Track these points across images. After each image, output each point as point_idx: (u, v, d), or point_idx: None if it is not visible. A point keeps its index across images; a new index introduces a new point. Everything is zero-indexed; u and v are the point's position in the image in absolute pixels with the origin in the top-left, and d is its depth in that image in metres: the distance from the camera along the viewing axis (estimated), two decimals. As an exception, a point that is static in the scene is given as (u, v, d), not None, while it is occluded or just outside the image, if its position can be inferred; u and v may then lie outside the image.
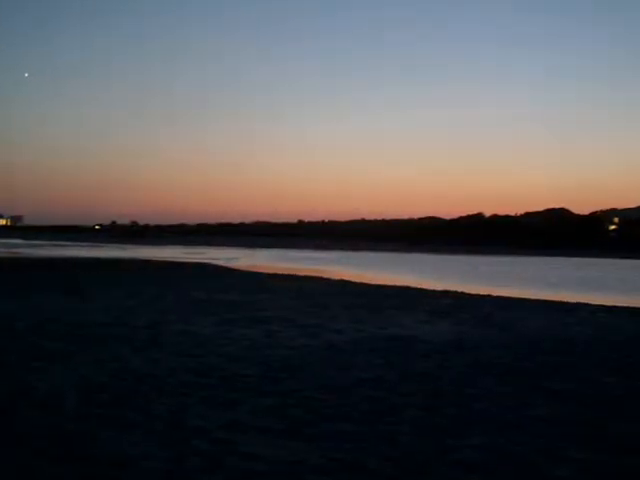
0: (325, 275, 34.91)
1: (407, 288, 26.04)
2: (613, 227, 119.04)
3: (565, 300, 22.05)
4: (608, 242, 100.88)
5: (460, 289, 25.85)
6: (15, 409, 6.82)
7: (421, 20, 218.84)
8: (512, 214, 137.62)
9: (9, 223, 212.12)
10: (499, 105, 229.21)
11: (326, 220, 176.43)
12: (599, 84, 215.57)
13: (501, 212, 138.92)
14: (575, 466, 5.50)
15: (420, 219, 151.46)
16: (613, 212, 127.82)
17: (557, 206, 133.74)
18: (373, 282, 29.74)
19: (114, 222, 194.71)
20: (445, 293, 23.86)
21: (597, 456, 5.75)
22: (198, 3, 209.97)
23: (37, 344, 10.72)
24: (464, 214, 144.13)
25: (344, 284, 27.90)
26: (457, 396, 7.81)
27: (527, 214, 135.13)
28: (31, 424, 6.30)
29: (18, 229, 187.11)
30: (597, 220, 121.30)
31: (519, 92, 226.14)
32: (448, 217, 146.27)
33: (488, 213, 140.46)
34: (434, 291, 24.63)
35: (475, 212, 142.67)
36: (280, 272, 36.00)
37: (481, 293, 24.17)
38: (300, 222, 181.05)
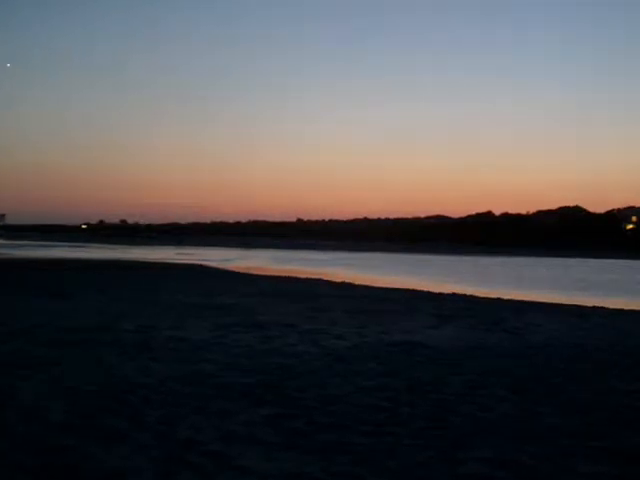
0: (326, 277, 34.94)
1: (412, 291, 26.04)
2: (631, 226, 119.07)
3: (580, 304, 22.07)
4: (625, 242, 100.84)
5: (468, 292, 25.88)
6: (-3, 420, 6.82)
7: (424, 7, 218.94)
8: (523, 213, 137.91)
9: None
10: (510, 101, 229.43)
11: (327, 219, 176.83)
12: (615, 80, 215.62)
13: (512, 211, 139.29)
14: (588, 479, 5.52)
15: (426, 218, 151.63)
16: (630, 210, 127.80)
17: (571, 204, 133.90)
18: (376, 284, 29.78)
19: (102, 221, 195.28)
20: (452, 296, 23.88)
21: (611, 469, 5.75)
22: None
23: (22, 350, 10.73)
24: (473, 213, 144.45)
25: (346, 287, 27.91)
26: (464, 405, 7.82)
27: (539, 213, 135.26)
28: (14, 436, 6.30)
29: (0, 228, 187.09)
30: (613, 219, 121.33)
31: (529, 89, 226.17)
32: (456, 216, 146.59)
33: (498, 212, 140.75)
34: (440, 294, 24.65)
35: (484, 211, 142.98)
36: (278, 274, 36.04)
37: (490, 296, 24.18)
38: (299, 221, 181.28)
